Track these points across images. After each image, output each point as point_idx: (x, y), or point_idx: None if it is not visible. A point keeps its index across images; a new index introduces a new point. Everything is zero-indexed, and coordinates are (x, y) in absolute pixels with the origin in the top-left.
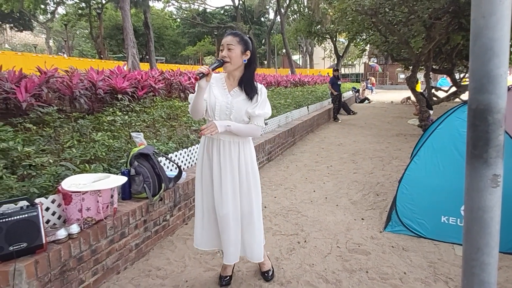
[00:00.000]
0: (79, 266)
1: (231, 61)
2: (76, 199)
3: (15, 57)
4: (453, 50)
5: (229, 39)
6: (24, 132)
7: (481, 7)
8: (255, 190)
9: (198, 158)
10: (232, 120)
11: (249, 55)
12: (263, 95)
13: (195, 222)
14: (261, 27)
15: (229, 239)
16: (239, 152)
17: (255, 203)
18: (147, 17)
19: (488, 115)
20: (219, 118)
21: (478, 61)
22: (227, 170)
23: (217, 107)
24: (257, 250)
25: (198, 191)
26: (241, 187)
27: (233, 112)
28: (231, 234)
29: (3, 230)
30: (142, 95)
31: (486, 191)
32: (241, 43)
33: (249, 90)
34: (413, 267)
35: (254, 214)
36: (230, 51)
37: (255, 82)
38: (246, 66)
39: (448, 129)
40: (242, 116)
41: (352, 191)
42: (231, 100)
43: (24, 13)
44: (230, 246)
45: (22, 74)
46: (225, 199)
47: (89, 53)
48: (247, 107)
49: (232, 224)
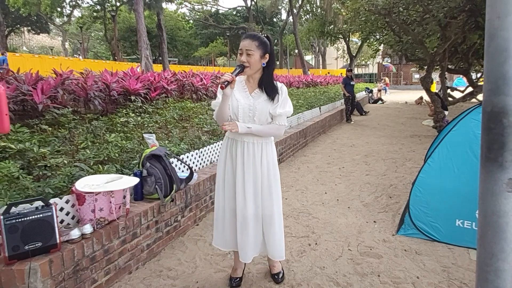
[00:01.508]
0: (92, 266)
1: (250, 66)
2: (89, 199)
3: (32, 59)
4: (469, 49)
5: (247, 43)
6: (40, 133)
7: (496, 8)
8: (276, 190)
9: (220, 159)
10: (256, 121)
11: (268, 58)
12: (284, 94)
13: (215, 222)
14: (273, 27)
15: (248, 239)
16: (261, 153)
17: (276, 203)
18: (160, 19)
19: (503, 117)
20: (242, 121)
21: (493, 63)
22: (250, 171)
23: (240, 110)
24: (279, 248)
25: (220, 192)
26: (263, 187)
27: (257, 113)
28: (250, 235)
29: (19, 229)
30: (154, 96)
31: (501, 196)
32: (260, 47)
33: (270, 90)
34: (426, 271)
35: (275, 214)
36: (249, 56)
37: (274, 81)
38: (265, 67)
39: (463, 131)
40: (266, 116)
41: (364, 193)
42: (253, 102)
43: (41, 16)
44: (248, 247)
45: (39, 76)
46: (248, 200)
47: (104, 55)
48: (269, 108)
49: (253, 225)
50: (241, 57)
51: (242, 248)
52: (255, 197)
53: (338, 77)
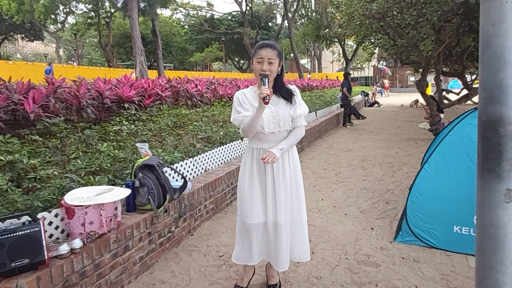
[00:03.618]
0: (82, 281)
1: (271, 75)
2: (79, 213)
3: (25, 67)
4: (463, 52)
5: (270, 53)
6: (31, 143)
7: (490, 15)
8: (302, 192)
9: (244, 172)
10: (281, 126)
11: (281, 64)
12: (298, 94)
13: (239, 240)
14: (268, 32)
15: (281, 246)
16: (288, 159)
17: (303, 206)
18: (155, 24)
19: (499, 126)
20: (268, 129)
21: (488, 71)
22: (280, 179)
23: (265, 119)
24: (306, 248)
25: (247, 206)
26: (292, 193)
27: (281, 119)
28: (283, 242)
29: (5, 246)
30: (149, 104)
31: (500, 207)
32: (279, 56)
33: (286, 94)
34: (425, 279)
35: (303, 216)
36: (271, 65)
37: (286, 85)
38: (279, 73)
39: (459, 136)
40: (289, 120)
41: (361, 199)
42: (275, 109)
43: (34, 23)
44: (283, 253)
45: (30, 85)
46: (278, 207)
47: (99, 61)
48: (289, 111)
49: (285, 232)
50: (259, 65)
51: (277, 257)
52: (285, 203)
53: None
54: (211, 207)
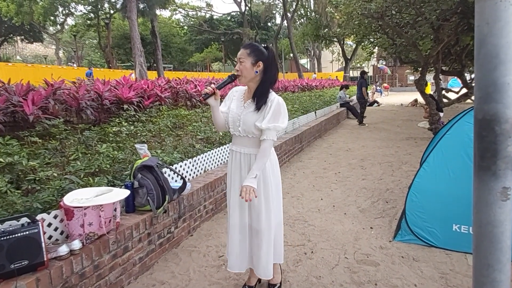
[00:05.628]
0: (81, 283)
1: (242, 74)
2: (78, 214)
3: (25, 68)
4: (462, 51)
5: (240, 52)
6: (30, 145)
7: (484, 14)
8: (266, 205)
9: (228, 171)
10: (241, 132)
11: (261, 66)
12: (274, 107)
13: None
14: (268, 32)
15: (260, 251)
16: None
17: (264, 218)
18: (154, 25)
19: (495, 125)
20: (233, 129)
21: (483, 70)
22: (236, 182)
23: (230, 119)
24: (263, 265)
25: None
26: (259, 200)
27: (241, 124)
28: (262, 247)
29: (4, 248)
30: (148, 105)
31: (496, 205)
32: (251, 55)
33: (258, 101)
34: (424, 278)
35: (263, 229)
36: (241, 64)
37: (269, 93)
38: (262, 77)
39: (458, 135)
40: (251, 128)
41: (361, 199)
42: (241, 112)
43: (34, 25)
44: (262, 259)
45: (30, 87)
46: (232, 208)
47: (98, 62)
48: (255, 120)
49: (238, 235)
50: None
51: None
52: (240, 207)
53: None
54: (211, 207)
